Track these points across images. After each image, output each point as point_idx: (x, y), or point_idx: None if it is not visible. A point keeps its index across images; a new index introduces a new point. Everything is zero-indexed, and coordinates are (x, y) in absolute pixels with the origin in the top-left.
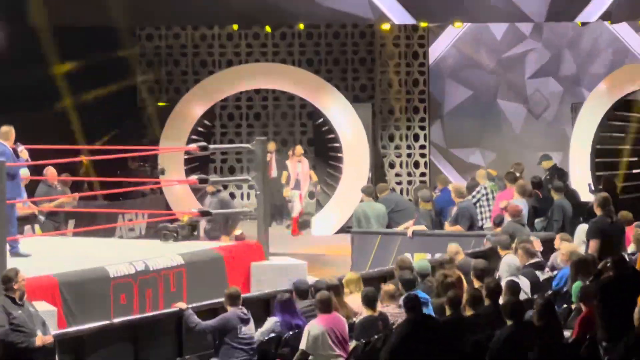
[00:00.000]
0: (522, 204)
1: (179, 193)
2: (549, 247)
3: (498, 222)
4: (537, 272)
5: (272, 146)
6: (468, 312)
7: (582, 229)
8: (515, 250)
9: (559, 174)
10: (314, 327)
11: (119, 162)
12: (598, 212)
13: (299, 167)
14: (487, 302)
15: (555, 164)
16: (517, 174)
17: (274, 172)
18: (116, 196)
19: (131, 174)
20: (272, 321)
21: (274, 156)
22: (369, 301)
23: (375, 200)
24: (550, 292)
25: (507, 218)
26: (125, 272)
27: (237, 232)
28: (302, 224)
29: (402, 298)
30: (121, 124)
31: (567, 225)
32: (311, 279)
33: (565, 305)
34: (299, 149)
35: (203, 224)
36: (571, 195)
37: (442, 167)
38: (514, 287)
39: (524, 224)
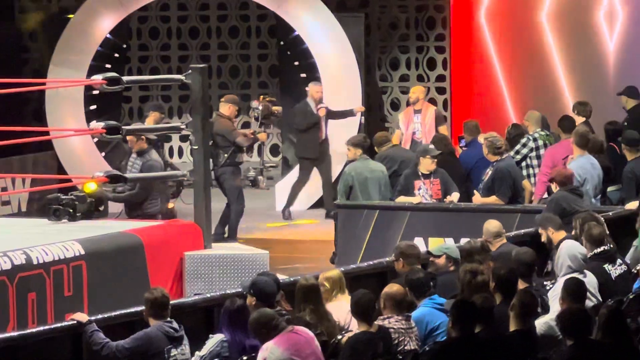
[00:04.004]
0: (584, 165)
1: (77, 149)
2: (623, 229)
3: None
4: (607, 266)
5: (317, 89)
6: (513, 327)
7: None
8: (579, 235)
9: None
10: (273, 351)
11: None
12: None
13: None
14: (513, 321)
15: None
16: (581, 119)
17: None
18: None
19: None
20: (216, 340)
21: (323, 106)
22: (363, 311)
23: (371, 157)
24: (632, 295)
25: (554, 187)
26: None
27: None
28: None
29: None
30: None
31: None
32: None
33: None
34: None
35: None
36: None
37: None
38: (578, 290)
39: (582, 195)
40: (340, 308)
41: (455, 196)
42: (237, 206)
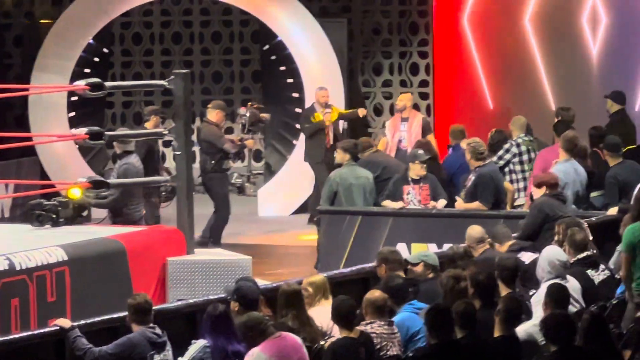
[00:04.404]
0: (567, 170)
1: (60, 154)
2: (606, 234)
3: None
4: (590, 272)
5: (323, 94)
6: (498, 332)
7: None
8: (562, 240)
9: (621, 124)
10: (259, 357)
11: None
12: None
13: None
14: (498, 327)
15: (624, 109)
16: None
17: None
18: None
19: None
20: (198, 346)
21: (328, 113)
22: (343, 317)
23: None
24: (615, 300)
25: (538, 191)
26: None
27: None
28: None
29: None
30: None
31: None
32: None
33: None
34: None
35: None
36: None
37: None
38: (560, 296)
39: (565, 200)
40: (323, 313)
41: (441, 203)
42: (223, 212)
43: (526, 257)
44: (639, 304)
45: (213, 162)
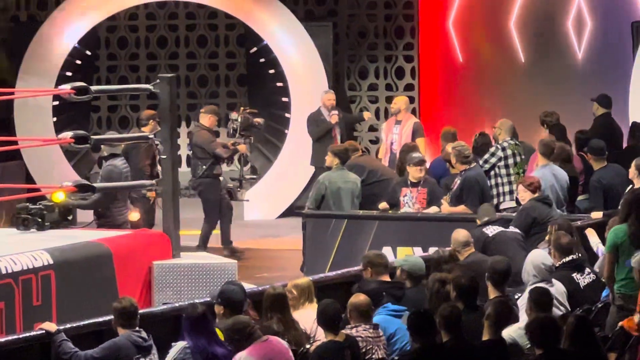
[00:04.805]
0: (545, 175)
1: (46, 158)
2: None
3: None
4: (575, 275)
5: (329, 97)
6: (486, 336)
7: None
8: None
9: (605, 127)
10: None
11: None
12: None
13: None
14: (487, 330)
15: (609, 113)
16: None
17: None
18: None
19: None
20: (178, 347)
21: (336, 113)
22: (330, 320)
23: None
24: (600, 304)
25: (524, 194)
26: None
27: (134, 215)
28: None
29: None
30: None
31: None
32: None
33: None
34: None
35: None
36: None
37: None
38: (543, 299)
39: (551, 204)
40: (308, 316)
41: (432, 209)
42: (213, 217)
43: (490, 229)
44: (621, 306)
45: (204, 167)
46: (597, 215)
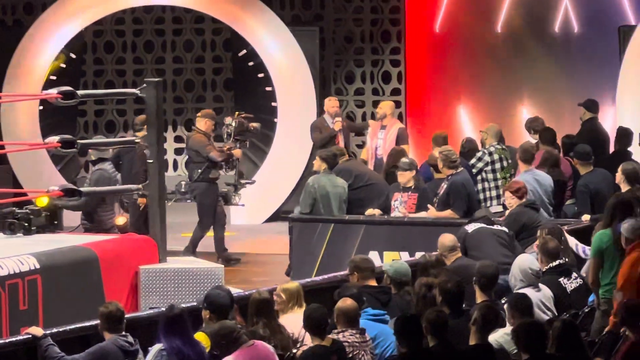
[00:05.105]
0: (528, 180)
1: (32, 163)
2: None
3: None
4: (562, 280)
5: (333, 104)
6: (473, 341)
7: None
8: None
9: (591, 132)
10: None
11: None
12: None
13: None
14: (474, 335)
15: (596, 117)
16: (534, 135)
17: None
18: None
19: None
20: (154, 351)
21: (339, 120)
22: (316, 325)
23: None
24: (587, 308)
25: (511, 201)
26: None
27: (120, 220)
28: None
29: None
30: None
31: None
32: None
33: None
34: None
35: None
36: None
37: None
38: (522, 304)
39: (538, 209)
40: (297, 321)
41: (420, 214)
42: (206, 222)
43: (472, 226)
44: (605, 311)
45: (199, 171)
46: (585, 219)
